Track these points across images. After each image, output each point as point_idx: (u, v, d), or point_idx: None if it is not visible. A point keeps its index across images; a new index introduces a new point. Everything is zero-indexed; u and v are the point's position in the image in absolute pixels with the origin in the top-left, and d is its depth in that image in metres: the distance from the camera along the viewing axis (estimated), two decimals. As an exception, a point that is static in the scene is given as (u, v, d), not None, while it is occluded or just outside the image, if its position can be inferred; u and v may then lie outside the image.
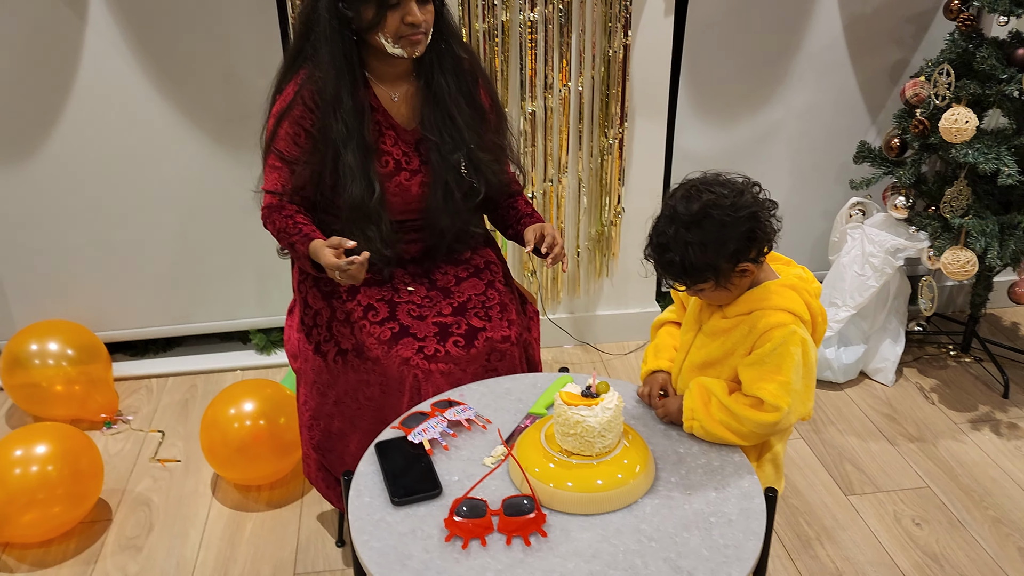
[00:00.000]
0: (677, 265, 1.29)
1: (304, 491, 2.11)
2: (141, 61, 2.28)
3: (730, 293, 1.33)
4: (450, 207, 1.76)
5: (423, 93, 1.73)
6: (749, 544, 1.17)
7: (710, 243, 1.26)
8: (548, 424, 1.32)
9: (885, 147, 2.49)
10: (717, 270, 1.28)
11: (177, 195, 2.45)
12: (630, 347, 2.76)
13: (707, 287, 1.32)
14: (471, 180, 1.76)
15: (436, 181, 1.74)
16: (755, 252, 1.29)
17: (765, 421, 1.30)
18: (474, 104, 1.76)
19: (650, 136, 2.49)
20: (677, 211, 1.29)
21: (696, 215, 1.27)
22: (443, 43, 1.70)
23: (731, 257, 1.28)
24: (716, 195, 1.27)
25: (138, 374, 2.62)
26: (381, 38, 1.61)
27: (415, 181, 1.74)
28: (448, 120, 1.72)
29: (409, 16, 1.59)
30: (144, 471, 2.19)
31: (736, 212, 1.26)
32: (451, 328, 1.67)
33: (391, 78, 1.72)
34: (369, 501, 1.26)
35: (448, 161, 1.73)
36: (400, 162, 1.73)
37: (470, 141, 1.74)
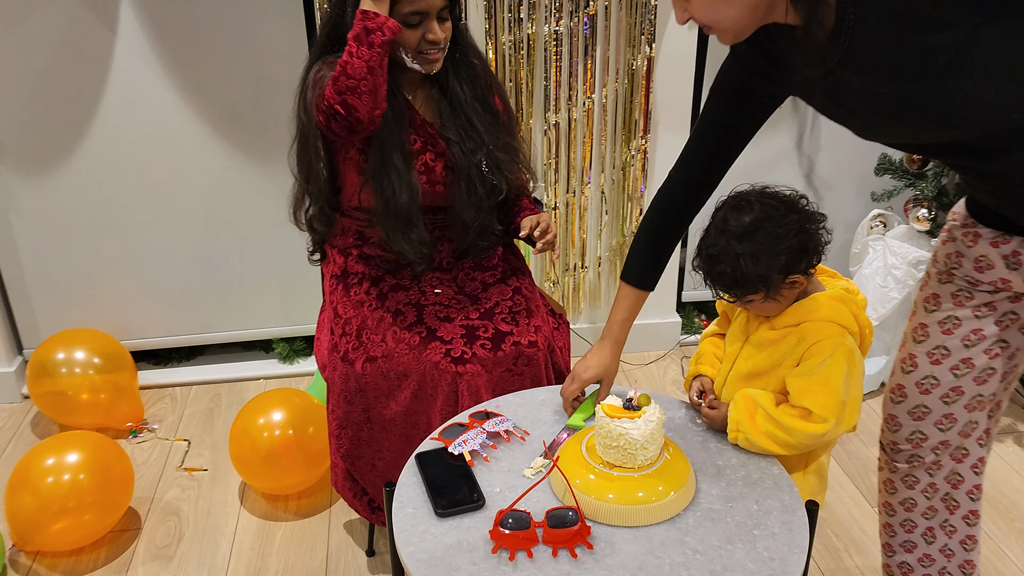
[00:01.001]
0: (728, 276, 1.30)
1: (332, 501, 2.12)
2: (170, 73, 2.30)
3: (779, 304, 1.35)
4: (474, 200, 1.79)
5: (439, 99, 1.78)
6: (794, 557, 1.18)
7: (761, 255, 1.27)
8: (589, 436, 1.33)
9: (907, 160, 2.50)
10: (768, 282, 1.29)
11: (202, 205, 2.47)
12: (651, 357, 2.77)
13: (757, 298, 1.33)
14: (493, 179, 1.79)
15: (459, 173, 1.77)
16: (805, 264, 1.31)
17: (814, 432, 1.31)
18: (490, 109, 1.81)
19: (673, 148, 2.50)
20: (728, 223, 1.30)
21: (748, 227, 1.28)
22: (458, 53, 1.75)
23: (782, 269, 1.29)
24: (767, 207, 1.29)
25: (162, 383, 2.63)
26: (401, 53, 1.66)
27: (440, 163, 1.77)
28: (467, 124, 1.77)
29: (430, 34, 1.64)
30: (172, 480, 2.20)
31: (787, 224, 1.28)
32: (478, 331, 1.69)
33: (408, 83, 1.77)
34: (412, 512, 1.27)
35: (470, 159, 1.77)
36: (426, 143, 1.76)
37: (489, 143, 1.79)
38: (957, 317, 1.39)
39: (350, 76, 1.56)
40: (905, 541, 1.59)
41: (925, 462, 1.50)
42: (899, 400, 1.47)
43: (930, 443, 1.48)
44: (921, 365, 1.44)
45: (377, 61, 1.56)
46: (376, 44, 1.55)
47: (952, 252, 1.37)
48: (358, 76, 1.56)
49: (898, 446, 1.50)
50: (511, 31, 2.27)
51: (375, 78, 1.57)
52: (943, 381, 1.43)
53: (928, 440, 1.48)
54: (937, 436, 1.47)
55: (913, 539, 1.58)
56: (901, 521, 1.58)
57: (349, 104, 1.58)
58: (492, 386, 1.62)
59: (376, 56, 1.56)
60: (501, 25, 2.25)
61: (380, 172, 1.70)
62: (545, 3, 2.25)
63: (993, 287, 1.34)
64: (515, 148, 1.87)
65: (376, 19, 1.55)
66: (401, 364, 1.66)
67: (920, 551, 1.58)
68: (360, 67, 1.56)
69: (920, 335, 1.44)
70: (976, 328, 1.38)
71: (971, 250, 1.33)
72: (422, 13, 1.61)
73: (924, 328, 1.43)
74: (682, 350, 2.82)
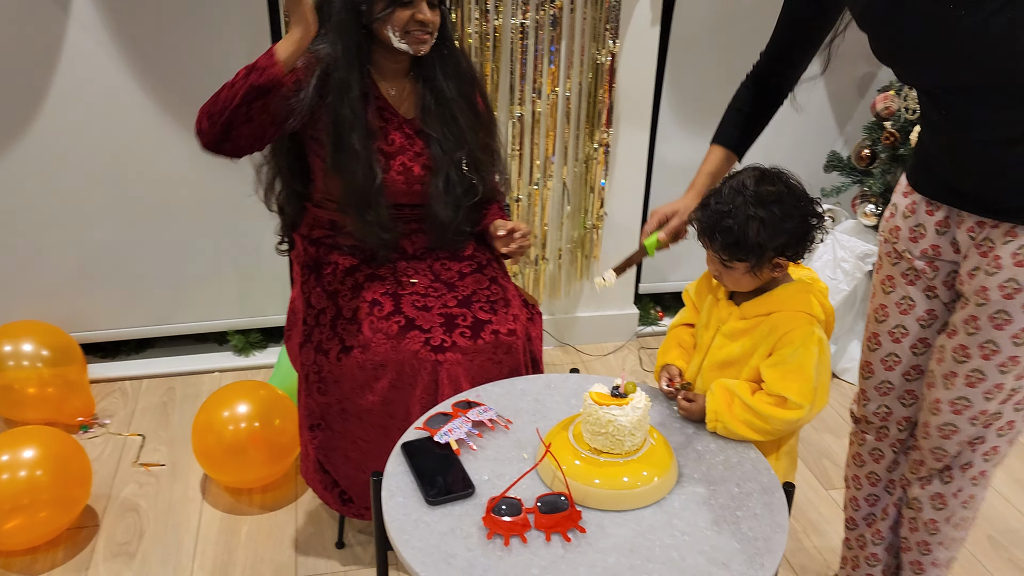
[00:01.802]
0: (731, 234, 1.32)
1: (298, 493, 2.09)
2: (124, 55, 2.23)
3: (752, 282, 1.39)
4: (451, 199, 1.79)
5: (421, 92, 1.78)
6: (776, 536, 1.22)
7: (769, 225, 1.31)
8: (576, 423, 1.36)
9: (855, 157, 2.60)
10: (761, 254, 1.33)
11: (155, 192, 2.41)
12: (609, 348, 2.82)
13: (740, 267, 1.36)
14: (471, 178, 1.80)
15: (438, 171, 1.77)
16: (796, 252, 1.36)
17: (790, 418, 1.36)
18: (474, 108, 1.82)
19: (634, 142, 2.55)
20: (747, 186, 1.33)
21: (768, 196, 1.32)
22: (446, 48, 1.76)
23: (778, 247, 1.33)
24: (790, 187, 1.34)
25: (112, 376, 2.56)
26: (389, 31, 1.66)
27: (418, 163, 1.77)
28: (451, 120, 1.78)
29: (419, 14, 1.65)
30: (128, 476, 2.14)
31: (799, 208, 1.33)
32: (457, 320, 1.70)
33: (391, 74, 1.76)
34: (403, 501, 1.27)
35: (450, 157, 1.77)
36: (404, 144, 1.76)
37: (471, 141, 1.79)
38: (912, 298, 1.48)
39: (217, 102, 1.55)
40: (868, 515, 1.68)
41: (890, 436, 1.58)
42: (867, 376, 1.58)
43: (895, 417, 1.57)
44: (884, 344, 1.53)
45: (244, 99, 1.52)
46: (251, 81, 1.52)
47: (895, 226, 1.47)
48: (223, 106, 1.54)
49: (867, 419, 1.60)
50: (478, 23, 2.27)
51: (235, 115, 1.54)
52: (904, 359, 1.53)
53: (893, 415, 1.57)
54: (901, 411, 1.56)
55: (875, 512, 1.67)
56: (866, 495, 1.67)
57: (201, 125, 1.57)
58: (472, 375, 1.63)
59: (245, 94, 1.52)
60: (468, 17, 2.25)
61: (337, 153, 1.69)
62: (511, -4, 2.26)
63: (925, 256, 1.43)
64: (494, 151, 1.88)
65: (269, 60, 1.54)
66: (379, 354, 1.66)
67: (876, 526, 1.67)
68: (228, 99, 1.54)
69: (881, 315, 1.53)
70: (929, 308, 1.48)
71: (907, 220, 1.44)
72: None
73: (884, 309, 1.52)
74: (639, 341, 2.87)
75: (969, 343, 1.38)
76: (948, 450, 1.47)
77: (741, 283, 1.40)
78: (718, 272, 1.41)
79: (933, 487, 1.53)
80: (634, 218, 2.68)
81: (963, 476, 1.50)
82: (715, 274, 1.42)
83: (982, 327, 1.36)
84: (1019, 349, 1.36)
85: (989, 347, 1.36)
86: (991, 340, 1.36)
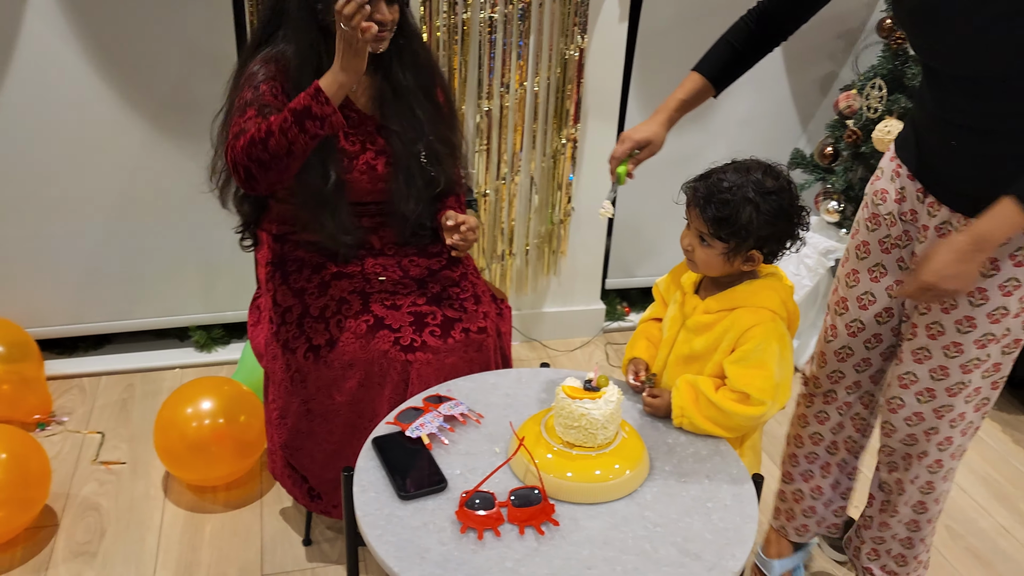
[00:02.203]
0: (726, 207, 1.33)
1: (263, 490, 2.07)
2: (83, 42, 2.18)
3: (722, 267, 1.40)
4: (413, 192, 1.78)
5: (380, 85, 1.76)
6: (746, 527, 1.24)
7: (763, 214, 1.33)
8: (548, 416, 1.36)
9: (818, 155, 2.64)
10: (744, 240, 1.35)
11: (114, 184, 2.35)
12: (575, 344, 2.83)
13: (718, 247, 1.37)
14: (431, 170, 1.79)
15: (399, 166, 1.76)
16: (772, 251, 1.38)
17: (752, 415, 1.38)
18: (432, 99, 1.80)
19: (601, 138, 2.55)
20: (752, 172, 1.35)
21: (768, 188, 1.34)
22: (403, 39, 1.73)
23: (760, 239, 1.35)
24: (787, 187, 1.37)
25: (69, 373, 2.50)
26: None
27: (380, 161, 1.75)
28: (409, 112, 1.76)
29: (377, 14, 1.61)
30: (88, 474, 2.09)
31: (790, 210, 1.36)
32: (427, 318, 1.68)
33: None
34: (375, 496, 1.26)
35: (410, 150, 1.76)
36: (365, 142, 1.74)
37: (430, 133, 1.78)
38: (884, 266, 1.55)
39: (267, 150, 1.52)
40: (805, 471, 1.77)
41: (838, 400, 1.65)
42: (830, 340, 1.64)
43: (846, 382, 1.65)
44: (851, 309, 1.59)
45: (301, 148, 1.52)
46: (310, 132, 1.51)
47: (882, 188, 1.52)
48: (275, 154, 1.52)
49: (818, 382, 1.68)
50: (446, 16, 2.26)
51: (291, 161, 1.54)
52: (867, 326, 1.59)
53: (844, 379, 1.64)
54: (852, 376, 1.64)
55: (812, 470, 1.76)
56: (806, 453, 1.76)
57: (253, 174, 1.55)
58: (442, 374, 1.62)
59: (303, 143, 1.52)
60: (436, 10, 2.24)
61: None
62: (480, -11, 2.25)
63: (904, 220, 1.49)
64: (454, 144, 1.86)
65: (325, 108, 1.51)
66: (347, 353, 1.64)
67: (815, 482, 1.76)
68: (281, 147, 1.51)
69: (852, 280, 1.59)
70: (899, 280, 1.55)
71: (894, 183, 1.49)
72: None
73: (855, 274, 1.58)
74: (606, 336, 2.88)
75: (919, 322, 1.46)
76: (902, 431, 1.55)
77: (711, 265, 1.41)
78: (691, 247, 1.41)
79: (898, 473, 1.60)
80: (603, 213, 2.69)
81: (920, 464, 1.57)
82: (687, 249, 1.42)
83: (932, 308, 1.43)
84: (964, 337, 1.41)
85: (936, 328, 1.44)
86: (937, 321, 1.43)
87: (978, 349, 1.42)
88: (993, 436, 2.46)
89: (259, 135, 1.52)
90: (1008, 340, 1.41)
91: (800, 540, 1.86)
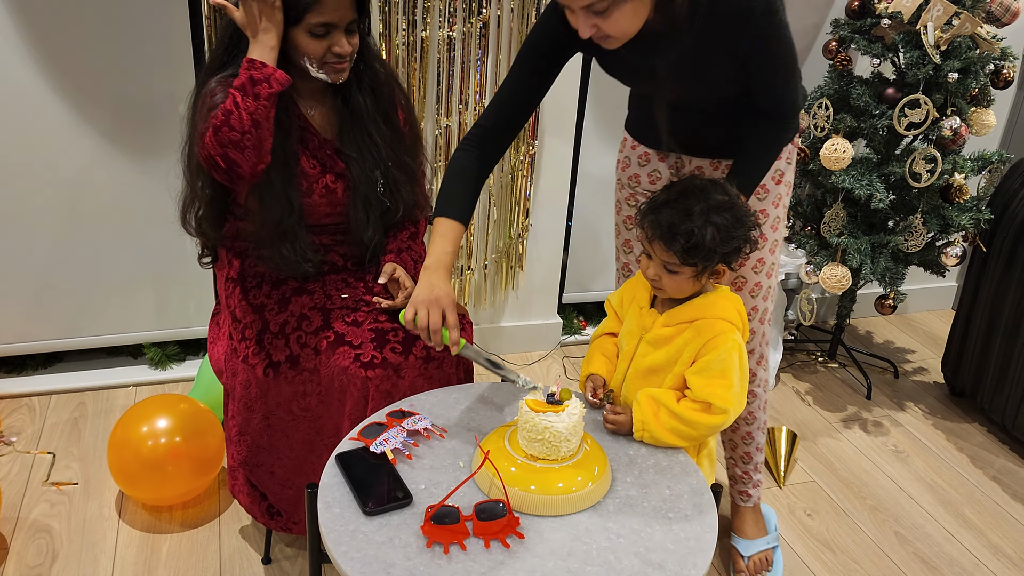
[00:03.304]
0: (690, 237, 1.36)
1: (221, 509, 2.04)
2: (31, 50, 2.14)
3: (692, 287, 1.44)
4: (371, 220, 1.77)
5: (340, 109, 1.74)
6: (707, 536, 1.27)
7: (724, 231, 1.37)
8: (511, 430, 1.37)
9: (768, 171, 2.71)
10: (710, 260, 1.39)
11: (64, 197, 2.31)
12: (534, 357, 2.85)
13: (687, 272, 1.41)
14: (387, 200, 1.78)
15: (357, 193, 1.75)
16: (734, 261, 1.42)
17: (715, 424, 1.41)
18: (391, 123, 1.78)
19: (558, 154, 2.59)
20: (702, 193, 1.38)
21: (720, 205, 1.38)
22: (363, 63, 1.71)
23: (724, 255, 1.39)
24: (734, 198, 1.41)
25: (18, 392, 2.43)
26: (306, 62, 1.61)
27: (340, 185, 1.74)
28: (367, 137, 1.73)
29: (336, 47, 1.60)
30: (38, 496, 2.04)
31: (746, 220, 1.41)
32: (388, 335, 1.68)
33: (309, 94, 1.72)
34: (340, 512, 1.26)
35: (368, 175, 1.74)
36: (326, 164, 1.73)
37: (388, 159, 1.76)
38: None
39: (233, 128, 1.52)
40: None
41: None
42: (626, 275, 1.92)
43: None
44: (634, 271, 1.82)
45: (263, 114, 1.53)
46: (262, 96, 1.52)
47: (634, 174, 1.81)
48: (242, 130, 1.52)
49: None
50: (405, 35, 2.27)
51: (259, 131, 1.54)
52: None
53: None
54: None
55: None
56: None
57: (231, 158, 1.55)
58: (403, 391, 1.62)
59: (262, 109, 1.52)
60: (395, 28, 2.26)
61: (254, 186, 1.65)
62: (439, 8, 2.27)
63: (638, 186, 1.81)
64: (412, 170, 1.84)
65: (263, 70, 1.52)
66: (306, 370, 1.64)
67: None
68: (244, 120, 1.52)
69: (627, 248, 1.91)
70: None
71: (644, 168, 1.79)
72: (329, 25, 1.57)
73: (629, 243, 1.90)
74: (563, 350, 2.91)
75: None
76: None
77: (682, 288, 1.44)
78: (658, 277, 1.44)
79: None
80: (558, 229, 2.72)
81: None
82: (654, 279, 1.45)
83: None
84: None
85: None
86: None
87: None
88: (937, 444, 2.55)
89: (220, 121, 1.53)
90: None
91: None
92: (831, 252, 2.53)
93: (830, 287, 2.50)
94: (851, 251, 2.44)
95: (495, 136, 1.60)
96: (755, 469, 1.99)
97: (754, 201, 1.69)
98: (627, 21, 1.35)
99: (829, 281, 2.50)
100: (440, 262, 1.50)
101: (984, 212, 2.44)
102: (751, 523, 2.01)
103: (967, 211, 2.44)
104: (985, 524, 2.22)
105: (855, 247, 2.44)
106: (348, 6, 1.58)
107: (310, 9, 1.54)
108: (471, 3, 2.30)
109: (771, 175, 1.70)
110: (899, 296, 2.58)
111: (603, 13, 1.33)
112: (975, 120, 2.42)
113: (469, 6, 2.30)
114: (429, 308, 1.44)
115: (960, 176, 2.41)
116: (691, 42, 1.42)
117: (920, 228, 2.44)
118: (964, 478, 2.40)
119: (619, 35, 1.38)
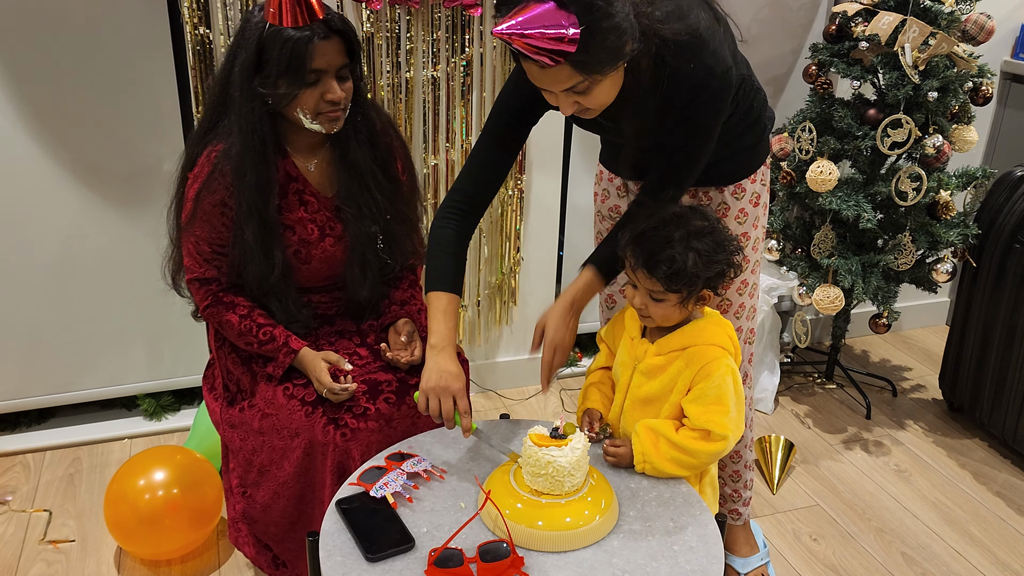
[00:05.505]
0: (673, 263, 1.36)
1: (221, 560, 2.01)
2: (21, 111, 2.15)
3: (680, 314, 1.44)
4: (368, 279, 1.76)
5: (339, 163, 1.71)
6: (713, 567, 1.26)
7: (704, 254, 1.37)
8: (515, 466, 1.36)
9: (756, 196, 2.73)
10: (694, 286, 1.39)
11: (55, 251, 2.30)
12: (530, 392, 2.84)
13: (672, 299, 1.40)
14: (386, 257, 1.77)
15: (355, 251, 1.73)
16: (718, 285, 1.42)
17: (715, 451, 1.40)
18: (389, 174, 1.76)
19: (547, 188, 2.61)
20: (681, 220, 1.39)
21: (700, 230, 1.39)
22: (360, 114, 1.69)
23: (708, 280, 1.40)
24: (714, 223, 1.42)
25: (11, 450, 2.41)
26: (299, 114, 1.59)
27: (339, 247, 1.73)
28: (365, 191, 1.71)
29: (329, 94, 1.57)
30: (35, 555, 2.01)
31: (727, 243, 1.41)
32: (381, 385, 1.66)
33: (307, 148, 1.71)
34: (342, 560, 1.25)
35: (366, 233, 1.72)
36: (324, 228, 1.71)
37: (387, 212, 1.74)
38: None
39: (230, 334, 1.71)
40: None
41: None
42: (610, 306, 1.95)
43: None
44: (619, 302, 1.92)
45: (256, 351, 1.70)
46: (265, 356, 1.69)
47: (614, 204, 1.83)
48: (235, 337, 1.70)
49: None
50: (389, 76, 2.29)
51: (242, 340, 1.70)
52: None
53: None
54: None
55: None
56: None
57: (220, 330, 1.74)
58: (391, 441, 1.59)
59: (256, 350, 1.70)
60: (380, 70, 2.28)
61: (234, 245, 1.65)
62: (422, 49, 2.30)
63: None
64: (413, 221, 1.83)
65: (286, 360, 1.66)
66: (293, 422, 1.61)
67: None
68: (241, 341, 1.69)
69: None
70: None
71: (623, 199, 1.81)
72: (320, 71, 1.55)
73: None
74: (560, 383, 2.90)
75: None
76: None
77: (670, 316, 1.44)
78: (644, 306, 1.43)
79: None
80: (549, 262, 2.73)
81: None
82: (641, 309, 1.45)
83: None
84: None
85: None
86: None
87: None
88: (939, 461, 2.54)
89: (226, 327, 1.70)
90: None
91: None
92: (822, 273, 2.54)
93: (823, 308, 2.51)
94: (842, 272, 2.45)
95: (473, 203, 1.61)
96: (744, 487, 1.97)
97: (734, 224, 1.72)
98: (606, 94, 1.39)
99: (822, 302, 2.50)
100: (445, 340, 1.52)
101: (972, 227, 2.46)
102: (743, 541, 2.01)
103: (955, 227, 2.46)
104: (991, 541, 2.21)
105: (846, 268, 2.45)
106: (337, 51, 1.57)
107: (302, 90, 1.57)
108: (454, 43, 2.32)
109: (748, 198, 1.72)
110: (893, 314, 2.59)
111: (584, 92, 1.36)
112: (957, 137, 2.45)
113: (452, 46, 2.33)
114: (440, 396, 1.46)
115: (946, 193, 2.43)
116: (655, 105, 1.46)
117: (909, 246, 2.46)
118: (968, 495, 2.39)
119: (599, 107, 1.42)
